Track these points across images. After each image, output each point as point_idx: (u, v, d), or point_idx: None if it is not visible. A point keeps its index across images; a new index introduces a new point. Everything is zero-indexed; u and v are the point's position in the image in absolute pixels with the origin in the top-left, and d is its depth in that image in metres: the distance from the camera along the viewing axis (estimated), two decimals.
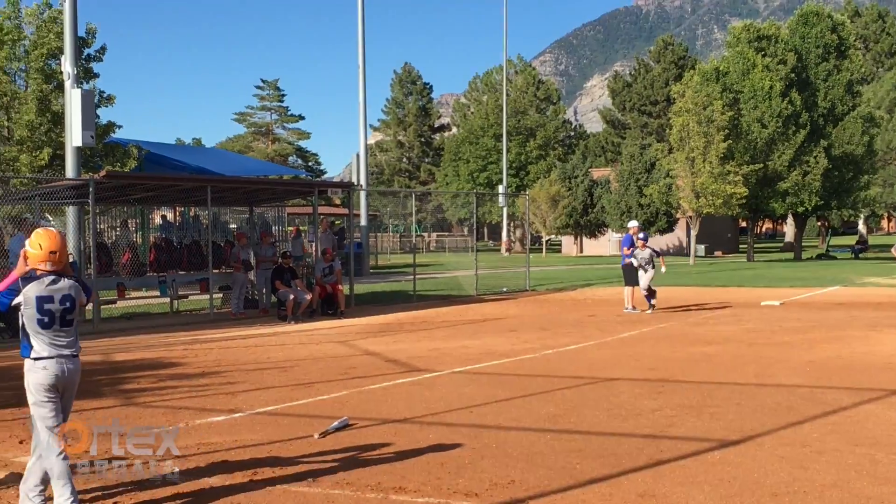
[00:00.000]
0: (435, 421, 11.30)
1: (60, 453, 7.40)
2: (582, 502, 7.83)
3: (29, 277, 7.50)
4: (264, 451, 9.66)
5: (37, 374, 7.43)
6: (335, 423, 10.78)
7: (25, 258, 7.53)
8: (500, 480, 8.50)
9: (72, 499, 7.33)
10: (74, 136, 24.10)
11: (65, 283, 7.55)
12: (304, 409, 12.16)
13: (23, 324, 7.46)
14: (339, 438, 10.26)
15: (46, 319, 7.43)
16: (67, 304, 7.51)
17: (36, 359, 7.45)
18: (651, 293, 25.37)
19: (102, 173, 23.97)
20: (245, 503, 7.83)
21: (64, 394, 7.57)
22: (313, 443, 10.06)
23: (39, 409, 7.47)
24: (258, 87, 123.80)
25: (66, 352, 7.53)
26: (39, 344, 7.45)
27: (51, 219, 33.56)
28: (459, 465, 9.05)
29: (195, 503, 7.86)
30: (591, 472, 8.80)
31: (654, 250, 25.45)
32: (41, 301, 7.41)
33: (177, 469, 8.84)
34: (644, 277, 24.99)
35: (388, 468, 8.95)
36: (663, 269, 25.60)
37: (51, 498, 7.45)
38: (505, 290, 34.89)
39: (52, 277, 7.51)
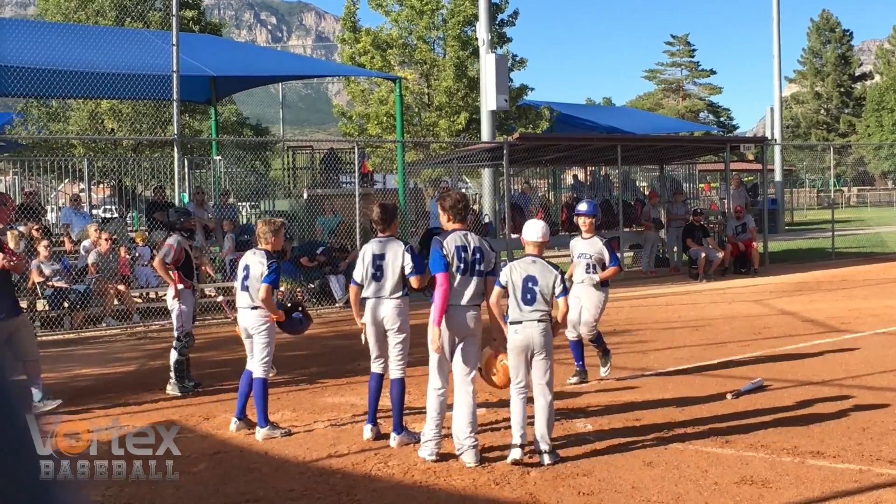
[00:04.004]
0: (856, 384, 10.79)
1: (439, 389, 8.14)
2: None
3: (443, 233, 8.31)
4: (676, 410, 9.64)
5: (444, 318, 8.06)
6: (749, 384, 10.56)
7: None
8: None
9: (429, 437, 8.08)
10: (489, 100, 24.96)
11: (472, 235, 8.26)
12: (716, 369, 12.00)
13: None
14: (754, 400, 10.05)
15: (462, 266, 8.05)
16: (478, 256, 8.10)
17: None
18: (596, 342, 11.86)
19: (516, 135, 24.72)
20: (657, 462, 7.84)
21: (464, 341, 8.11)
22: (726, 403, 9.91)
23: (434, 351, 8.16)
24: (668, 44, 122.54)
25: (465, 301, 8.08)
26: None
27: (468, 181, 35.11)
28: (883, 431, 8.58)
29: (609, 461, 7.97)
30: None
31: (607, 245, 11.93)
32: (459, 250, 8.08)
33: (590, 427, 9.02)
34: (586, 305, 11.73)
35: (804, 431, 8.65)
36: (595, 279, 11.81)
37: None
38: None
39: (463, 232, 8.24)
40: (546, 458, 7.83)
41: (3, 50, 19.12)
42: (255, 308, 9.15)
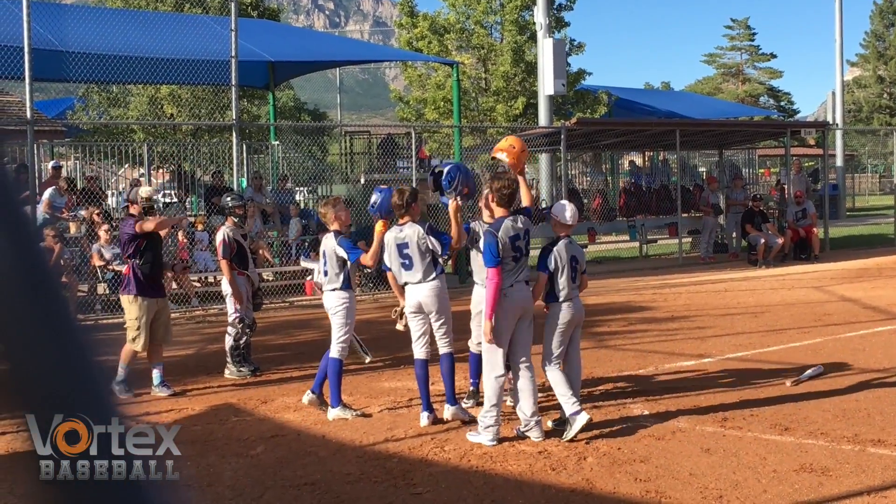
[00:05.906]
0: None
1: (499, 376, 8.13)
2: None
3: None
4: (734, 396, 9.55)
5: (505, 300, 8.13)
6: (809, 371, 10.45)
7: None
8: None
9: (489, 422, 8.06)
10: (546, 84, 24.88)
11: (520, 219, 8.33)
12: (775, 356, 11.88)
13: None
14: (813, 387, 9.93)
15: (518, 254, 8.20)
16: (527, 238, 8.33)
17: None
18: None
19: (573, 120, 24.62)
20: (715, 449, 7.78)
21: (521, 321, 8.24)
22: (785, 390, 9.81)
23: (497, 330, 8.16)
24: (727, 27, 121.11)
25: (520, 278, 8.25)
26: (505, 276, 8.15)
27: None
28: None
29: (666, 447, 7.92)
30: None
31: (523, 220, 8.37)
32: (513, 241, 8.17)
33: (646, 412, 8.97)
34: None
35: (865, 419, 8.53)
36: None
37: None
38: None
39: (512, 218, 8.30)
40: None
41: (64, 36, 19.36)
42: (333, 290, 9.35)
